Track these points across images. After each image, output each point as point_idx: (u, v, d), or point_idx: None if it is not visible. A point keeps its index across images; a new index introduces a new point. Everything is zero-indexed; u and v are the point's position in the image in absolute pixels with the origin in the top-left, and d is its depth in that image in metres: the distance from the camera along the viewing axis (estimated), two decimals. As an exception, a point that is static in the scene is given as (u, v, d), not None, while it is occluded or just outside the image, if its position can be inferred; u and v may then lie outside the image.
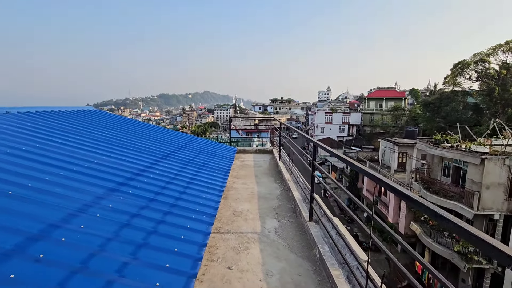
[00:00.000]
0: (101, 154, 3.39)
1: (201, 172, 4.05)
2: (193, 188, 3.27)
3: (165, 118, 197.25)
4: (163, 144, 4.96)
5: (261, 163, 6.03)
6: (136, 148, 4.20)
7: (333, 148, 36.34)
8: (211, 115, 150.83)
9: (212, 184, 3.69)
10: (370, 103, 61.66)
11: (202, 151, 5.53)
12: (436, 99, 40.11)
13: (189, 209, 2.64)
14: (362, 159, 32.26)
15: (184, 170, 3.87)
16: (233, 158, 5.71)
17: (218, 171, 4.44)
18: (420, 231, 18.45)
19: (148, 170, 3.40)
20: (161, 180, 3.19)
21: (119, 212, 2.16)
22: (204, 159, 4.90)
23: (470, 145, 15.75)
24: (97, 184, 2.54)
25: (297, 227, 2.87)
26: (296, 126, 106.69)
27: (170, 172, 3.60)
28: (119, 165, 3.23)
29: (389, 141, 30.11)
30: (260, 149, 7.19)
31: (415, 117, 47.65)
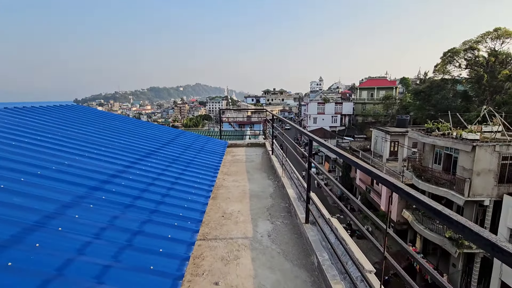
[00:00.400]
0: (74, 154, 3.06)
1: (188, 170, 3.76)
2: (178, 190, 2.99)
3: (156, 111, 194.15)
4: (148, 140, 4.63)
5: (253, 157, 5.78)
6: (116, 146, 3.86)
7: (326, 138, 36.72)
8: (203, 108, 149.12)
9: (200, 183, 3.41)
10: (361, 92, 61.84)
11: (190, 146, 5.22)
12: (426, 88, 40.37)
13: (172, 214, 2.37)
14: (355, 149, 32.41)
15: (169, 169, 3.57)
16: (223, 153, 5.42)
17: (207, 168, 4.16)
18: (412, 219, 18.71)
19: (128, 170, 3.09)
20: (142, 182, 2.89)
21: (87, 224, 1.86)
22: (192, 155, 4.61)
23: (461, 133, 15.83)
24: (65, 190, 2.23)
25: (292, 230, 2.63)
26: (289, 117, 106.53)
27: (153, 171, 3.30)
28: (94, 166, 2.91)
29: (381, 130, 30.24)
30: (252, 142, 6.93)
31: (406, 106, 47.97)
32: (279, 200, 3.40)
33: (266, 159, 5.74)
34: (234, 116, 62.83)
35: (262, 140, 7.05)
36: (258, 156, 5.88)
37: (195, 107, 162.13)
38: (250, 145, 6.99)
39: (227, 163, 5.29)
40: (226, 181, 4.23)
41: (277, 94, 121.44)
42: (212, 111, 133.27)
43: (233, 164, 5.24)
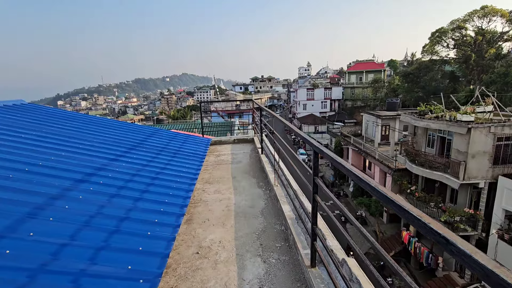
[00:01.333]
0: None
1: (156, 185, 2.95)
2: (134, 219, 2.20)
3: (143, 104, 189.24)
4: (107, 145, 3.75)
5: (240, 157, 5.02)
6: (59, 159, 2.99)
7: (317, 124, 35.91)
8: (191, 98, 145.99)
9: (169, 203, 2.62)
10: (350, 76, 61.31)
11: (165, 148, 4.38)
12: (415, 69, 40.05)
13: (114, 272, 1.58)
14: (346, 134, 32.05)
15: (128, 186, 2.75)
16: (204, 154, 4.62)
17: (182, 177, 3.36)
18: (406, 203, 18.56)
19: (64, 196, 2.25)
20: (83, 214, 2.07)
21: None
22: (165, 161, 3.78)
23: (455, 115, 15.45)
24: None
25: (292, 274, 1.87)
26: (278, 104, 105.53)
27: (104, 194, 2.47)
28: (19, 192, 2.07)
29: (371, 115, 29.86)
30: (239, 138, 6.16)
31: (394, 89, 47.80)
32: (272, 220, 2.66)
33: (256, 158, 5.01)
34: (222, 106, 61.44)
35: (250, 135, 6.23)
36: (246, 155, 5.11)
37: (183, 97, 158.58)
38: (237, 142, 6.15)
39: (210, 166, 4.50)
40: (207, 193, 3.45)
41: (265, 82, 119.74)
42: (201, 101, 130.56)
43: (217, 167, 4.46)
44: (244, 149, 5.60)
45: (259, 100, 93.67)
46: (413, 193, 17.49)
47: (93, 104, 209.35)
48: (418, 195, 17.04)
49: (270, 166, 4.09)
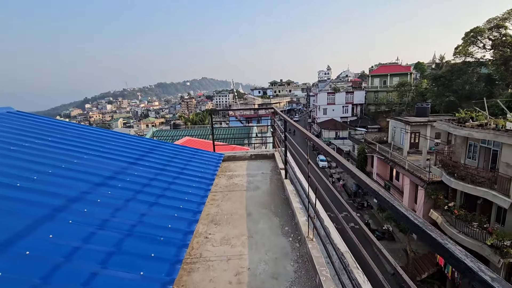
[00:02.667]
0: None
1: (136, 235, 1.99)
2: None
3: (164, 107, 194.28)
4: (85, 170, 2.86)
5: (258, 180, 3.99)
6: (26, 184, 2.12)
7: (338, 130, 34.10)
8: (210, 102, 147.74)
9: (150, 269, 1.64)
10: (374, 80, 58.72)
11: (163, 171, 3.44)
12: (446, 72, 37.23)
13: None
14: (371, 141, 30.13)
15: (98, 235, 1.80)
16: (213, 177, 3.64)
17: (177, 219, 2.39)
18: (441, 220, 16.61)
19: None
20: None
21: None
22: (158, 192, 2.83)
23: (503, 123, 13.52)
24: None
25: None
26: (297, 108, 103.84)
27: (65, 246, 1.54)
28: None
29: (399, 120, 27.83)
30: (256, 153, 5.11)
31: (423, 93, 44.99)
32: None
33: (278, 184, 3.90)
34: (240, 110, 60.99)
35: (270, 150, 5.15)
36: (265, 178, 4.04)
37: (202, 101, 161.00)
38: (255, 157, 5.05)
39: (219, 194, 3.50)
40: (210, 243, 2.45)
41: (284, 85, 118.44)
42: (219, 104, 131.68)
43: (227, 196, 3.47)
44: (262, 168, 4.56)
45: (277, 104, 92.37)
46: (451, 210, 15.58)
47: (118, 108, 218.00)
48: (458, 212, 15.12)
49: (297, 198, 3.04)
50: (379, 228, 23.98)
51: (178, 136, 15.29)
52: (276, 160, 4.63)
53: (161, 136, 16.10)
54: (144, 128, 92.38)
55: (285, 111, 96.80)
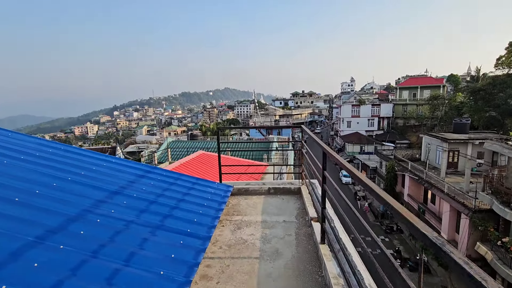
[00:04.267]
0: None
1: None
2: None
3: (187, 116, 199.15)
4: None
5: (278, 238, 2.72)
6: None
7: (363, 144, 31.70)
8: (231, 112, 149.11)
9: None
10: (402, 92, 55.70)
11: (131, 224, 2.25)
12: (487, 85, 34.04)
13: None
14: (401, 158, 27.65)
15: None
16: (210, 233, 2.40)
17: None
18: (492, 257, 14.11)
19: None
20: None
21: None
22: (120, 264, 1.62)
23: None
24: None
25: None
26: (319, 120, 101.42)
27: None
28: None
29: (435, 137, 25.32)
30: (276, 187, 3.82)
31: (458, 107, 41.62)
32: None
33: (309, 248, 2.56)
34: (261, 121, 60.12)
35: (294, 183, 3.82)
36: (289, 233, 2.71)
37: (224, 111, 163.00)
38: (274, 192, 3.77)
39: (216, 261, 2.30)
40: None
41: (306, 97, 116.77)
42: (240, 114, 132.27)
43: (227, 271, 2.23)
44: (284, 210, 3.29)
45: (298, 115, 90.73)
46: (505, 246, 13.14)
47: (144, 115, 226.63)
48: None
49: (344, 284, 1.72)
50: (412, 257, 21.37)
51: (193, 148, 14.40)
52: (303, 197, 3.31)
53: (175, 147, 15.31)
54: (167, 136, 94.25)
55: (307, 123, 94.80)
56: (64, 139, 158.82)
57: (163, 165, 14.41)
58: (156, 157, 15.01)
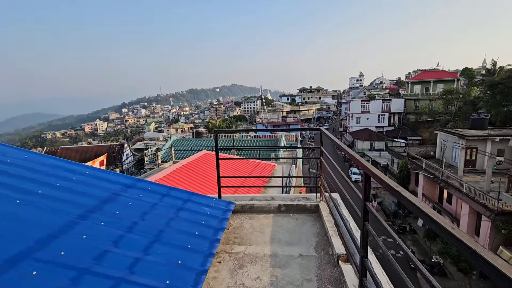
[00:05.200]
0: None
1: None
2: None
3: (194, 112, 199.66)
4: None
5: (292, 283, 1.97)
6: None
7: (373, 140, 30.51)
8: (238, 108, 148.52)
9: None
10: (414, 87, 53.95)
11: (100, 261, 1.59)
12: (506, 78, 32.37)
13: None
14: (415, 155, 26.51)
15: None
16: (201, 277, 1.73)
17: None
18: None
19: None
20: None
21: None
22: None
23: None
24: None
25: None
26: (327, 116, 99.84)
27: None
28: None
29: (451, 133, 24.09)
30: (289, 203, 3.11)
31: (474, 101, 39.91)
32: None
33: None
34: (268, 117, 59.29)
35: (311, 198, 3.11)
36: (307, 275, 2.05)
37: (231, 107, 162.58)
38: (285, 210, 3.07)
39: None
40: None
41: (314, 92, 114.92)
42: (247, 111, 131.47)
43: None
44: (300, 237, 2.57)
45: (306, 111, 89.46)
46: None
47: (151, 112, 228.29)
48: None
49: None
50: (426, 259, 20.41)
51: (198, 147, 13.80)
52: (322, 218, 2.59)
53: (179, 146, 14.75)
54: (173, 133, 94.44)
55: (315, 119, 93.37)
56: (75, 135, 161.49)
57: (167, 164, 13.88)
58: (159, 157, 14.48)
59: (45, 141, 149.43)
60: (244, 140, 17.44)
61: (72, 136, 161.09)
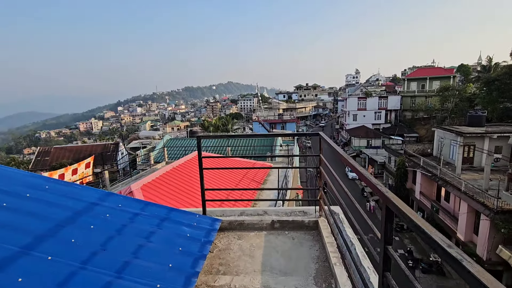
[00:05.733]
0: None
1: None
2: None
3: (190, 111, 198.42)
4: None
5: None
6: None
7: (370, 138, 30.16)
8: (234, 106, 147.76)
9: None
10: (410, 84, 53.87)
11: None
12: (503, 75, 32.28)
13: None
14: (412, 153, 26.32)
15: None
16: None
17: None
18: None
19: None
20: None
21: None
22: None
23: None
24: None
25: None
26: (323, 113, 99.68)
27: None
28: None
29: (448, 131, 23.90)
30: (283, 219, 2.72)
31: (470, 98, 39.90)
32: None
33: None
34: (264, 115, 58.87)
35: (309, 212, 2.68)
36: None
37: (227, 105, 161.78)
38: (279, 227, 2.69)
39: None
40: None
41: (310, 90, 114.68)
42: (244, 108, 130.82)
43: None
44: (297, 266, 2.16)
45: (303, 109, 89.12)
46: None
47: (147, 110, 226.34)
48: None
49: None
50: (425, 258, 20.28)
51: (192, 147, 13.37)
52: (322, 239, 2.19)
53: (173, 146, 14.28)
54: (169, 131, 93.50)
55: (311, 116, 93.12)
56: (69, 134, 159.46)
57: (159, 165, 13.43)
58: (152, 157, 14.02)
59: (39, 140, 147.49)
60: (240, 139, 17.01)
61: (66, 135, 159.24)
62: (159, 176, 7.21)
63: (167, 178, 7.30)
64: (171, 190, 6.67)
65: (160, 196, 6.21)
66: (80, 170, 8.91)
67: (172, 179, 7.29)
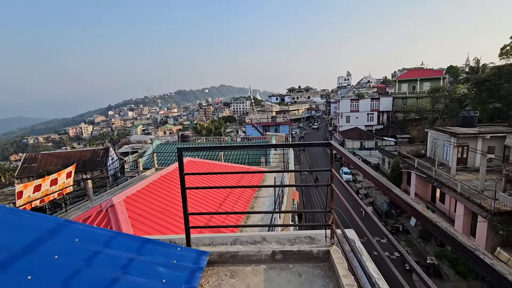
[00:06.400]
0: None
1: None
2: None
3: (183, 114, 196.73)
4: None
5: None
6: None
7: (363, 139, 29.96)
8: (227, 109, 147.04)
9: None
10: (401, 85, 54.37)
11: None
12: (492, 76, 32.72)
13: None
14: (406, 154, 26.23)
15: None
16: None
17: None
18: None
19: None
20: None
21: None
22: None
23: None
24: None
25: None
26: (316, 115, 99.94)
27: None
28: None
29: (442, 131, 23.89)
30: (286, 249, 2.12)
31: (460, 99, 40.39)
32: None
33: None
34: (257, 118, 58.44)
35: (317, 238, 2.24)
36: None
37: (220, 108, 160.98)
38: (281, 259, 2.12)
39: None
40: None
41: (303, 92, 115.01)
42: (237, 111, 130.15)
43: None
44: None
45: (295, 111, 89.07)
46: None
47: (139, 114, 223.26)
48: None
49: None
50: (421, 260, 20.03)
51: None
52: (338, 276, 1.71)
53: (163, 151, 13.63)
54: (162, 135, 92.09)
55: (304, 119, 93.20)
56: (58, 140, 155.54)
57: (149, 172, 12.77)
58: (141, 163, 13.35)
59: (27, 147, 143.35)
60: (233, 142, 16.45)
61: (55, 141, 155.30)
62: (145, 186, 6.64)
63: (154, 188, 6.73)
64: (157, 202, 6.10)
65: (144, 209, 5.64)
66: (60, 180, 8.26)
67: (159, 189, 6.72)
